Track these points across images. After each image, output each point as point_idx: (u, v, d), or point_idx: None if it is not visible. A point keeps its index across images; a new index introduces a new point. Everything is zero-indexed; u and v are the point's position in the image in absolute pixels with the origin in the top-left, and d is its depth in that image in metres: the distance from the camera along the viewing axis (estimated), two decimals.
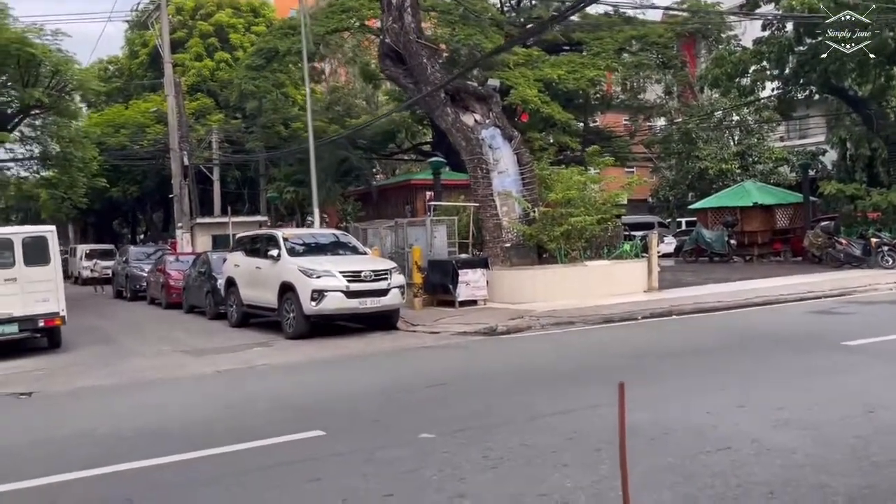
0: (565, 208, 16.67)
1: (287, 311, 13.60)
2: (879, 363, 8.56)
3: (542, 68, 28.84)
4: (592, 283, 16.70)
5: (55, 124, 25.71)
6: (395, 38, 17.17)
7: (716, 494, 4.36)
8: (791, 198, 26.90)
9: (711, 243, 26.69)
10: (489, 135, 17.45)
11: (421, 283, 16.09)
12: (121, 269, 28.10)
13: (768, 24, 25.44)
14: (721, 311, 14.48)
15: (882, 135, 23.99)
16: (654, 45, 30.78)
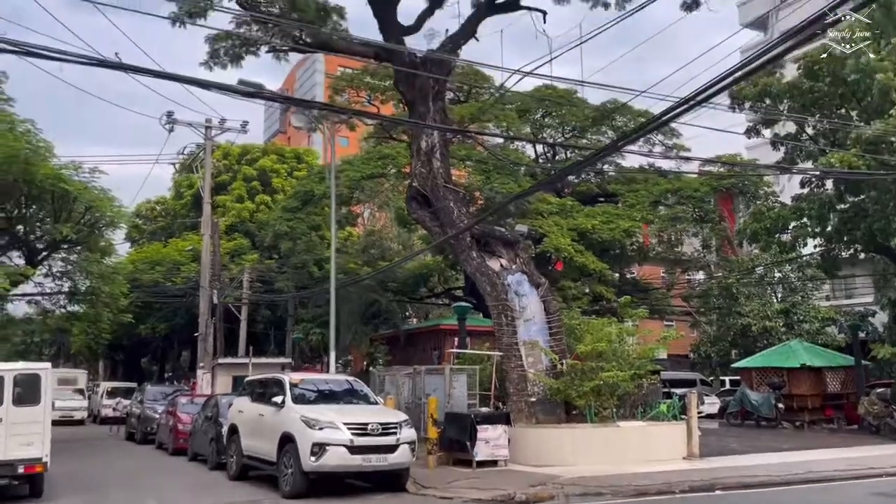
0: (596, 362, 15.46)
1: (285, 465, 12.33)
2: None
3: (576, 218, 28.59)
4: (625, 446, 15.16)
5: (86, 260, 25.73)
6: (423, 181, 16.87)
7: None
8: (841, 360, 25.32)
9: (758, 406, 24.92)
10: (515, 280, 16.64)
11: (436, 439, 14.71)
12: (135, 409, 27.09)
13: (807, 181, 24.98)
14: (771, 486, 12.78)
15: None
16: (690, 198, 30.50)
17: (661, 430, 16.03)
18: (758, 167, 28.17)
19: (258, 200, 39.65)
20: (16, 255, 24.67)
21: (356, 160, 29.71)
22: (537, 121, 33.53)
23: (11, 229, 23.41)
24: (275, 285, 33.63)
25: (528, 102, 31.34)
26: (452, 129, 16.28)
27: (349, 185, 27.44)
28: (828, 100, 22.64)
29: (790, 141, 24.71)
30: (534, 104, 31.68)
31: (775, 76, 24.50)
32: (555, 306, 16.85)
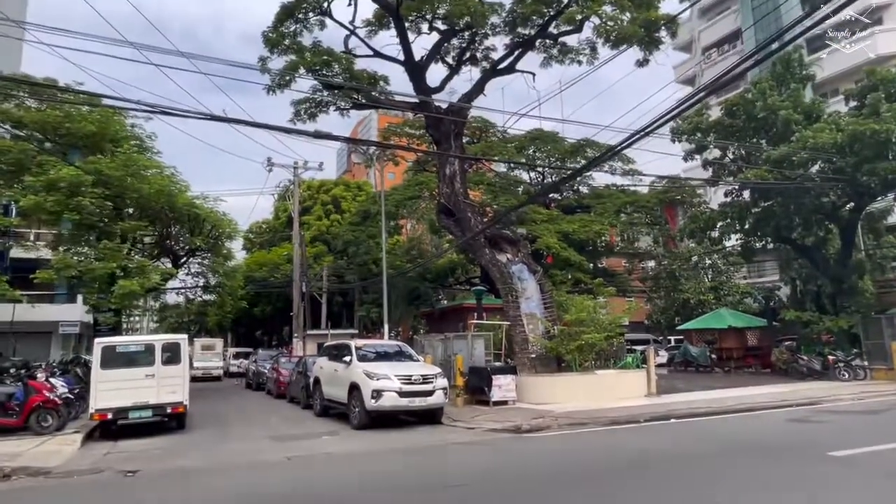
0: (579, 327, 14.98)
1: (354, 406, 12.06)
2: (874, 479, 6.45)
3: (561, 224, 27.99)
4: (602, 388, 14.65)
5: (213, 262, 25.80)
6: (447, 198, 16.51)
7: None
8: (757, 322, 24.47)
9: (697, 357, 24.20)
10: (518, 269, 16.18)
11: (463, 386, 14.37)
12: (251, 367, 27.19)
13: (730, 192, 24.21)
14: (711, 415, 12.20)
15: (826, 275, 21.75)
16: (643, 208, 29.82)
17: (628, 376, 15.48)
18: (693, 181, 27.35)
19: (332, 219, 39.52)
20: (166, 260, 24.86)
21: (400, 188, 29.46)
22: (530, 155, 33.02)
23: (161, 242, 23.54)
24: (344, 278, 33.44)
25: (523, 142, 30.88)
26: (468, 157, 15.94)
27: (395, 204, 27.16)
28: (743, 132, 21.89)
29: (716, 162, 23.95)
30: (527, 142, 31.20)
31: (703, 116, 23.78)
32: (547, 288, 16.34)
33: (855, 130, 16.97)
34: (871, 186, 18.29)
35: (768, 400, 13.98)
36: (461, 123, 17.11)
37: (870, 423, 10.71)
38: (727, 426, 10.93)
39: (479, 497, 6.26)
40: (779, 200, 20.69)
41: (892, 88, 18.94)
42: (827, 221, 22.21)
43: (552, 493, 6.22)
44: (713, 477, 6.80)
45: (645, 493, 6.10)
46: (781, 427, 10.55)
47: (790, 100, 20.60)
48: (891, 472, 6.71)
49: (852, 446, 8.03)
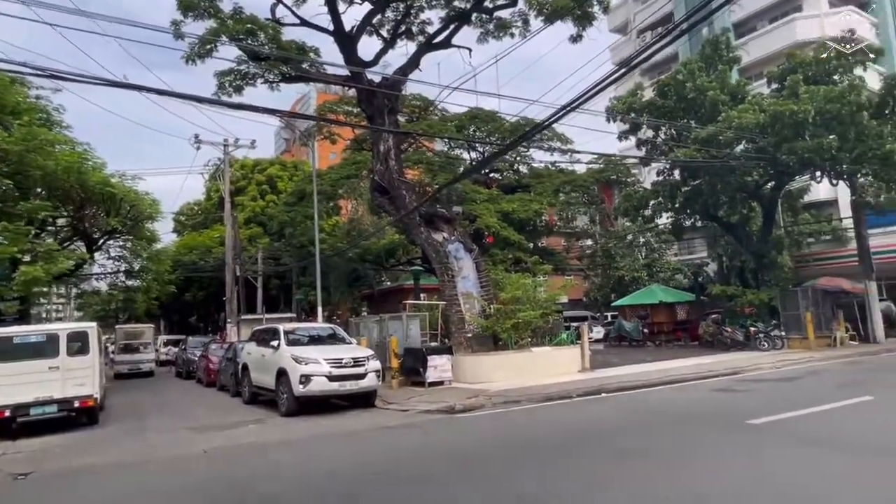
0: (514, 305, 14.93)
1: (282, 392, 11.54)
2: (786, 444, 6.61)
3: (501, 203, 27.97)
4: (537, 365, 14.69)
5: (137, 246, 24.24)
6: (382, 176, 15.97)
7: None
8: (686, 297, 25.39)
9: (630, 332, 24.89)
10: (454, 248, 15.91)
11: (398, 367, 14.06)
12: (181, 354, 25.95)
13: (661, 171, 24.80)
14: (641, 388, 12.45)
15: (749, 251, 22.74)
16: (581, 187, 30.19)
17: (563, 352, 15.60)
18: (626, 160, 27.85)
19: (267, 199, 37.98)
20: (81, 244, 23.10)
21: (336, 167, 28.56)
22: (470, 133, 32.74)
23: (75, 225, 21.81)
24: (281, 260, 32.33)
25: (463, 120, 30.54)
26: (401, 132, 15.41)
27: (331, 183, 26.30)
28: (674, 112, 22.36)
29: (649, 142, 24.43)
30: (467, 121, 30.88)
31: (637, 96, 24.13)
32: (483, 266, 16.18)
33: (775, 111, 17.58)
34: (790, 165, 19.09)
35: (694, 371, 14.43)
36: (395, 98, 16.52)
37: (785, 390, 11.17)
38: (655, 398, 11.14)
39: (403, 482, 5.97)
40: (706, 179, 21.33)
41: (810, 71, 19.75)
42: (750, 199, 23.15)
43: (477, 474, 6.01)
44: (639, 449, 6.79)
45: (570, 469, 5.98)
46: (705, 397, 10.84)
47: (717, 81, 21.15)
48: (801, 438, 6.90)
49: (768, 414, 8.27)
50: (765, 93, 22.49)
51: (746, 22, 35.46)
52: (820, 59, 19.62)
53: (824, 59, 19.58)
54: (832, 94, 17.17)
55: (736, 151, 19.75)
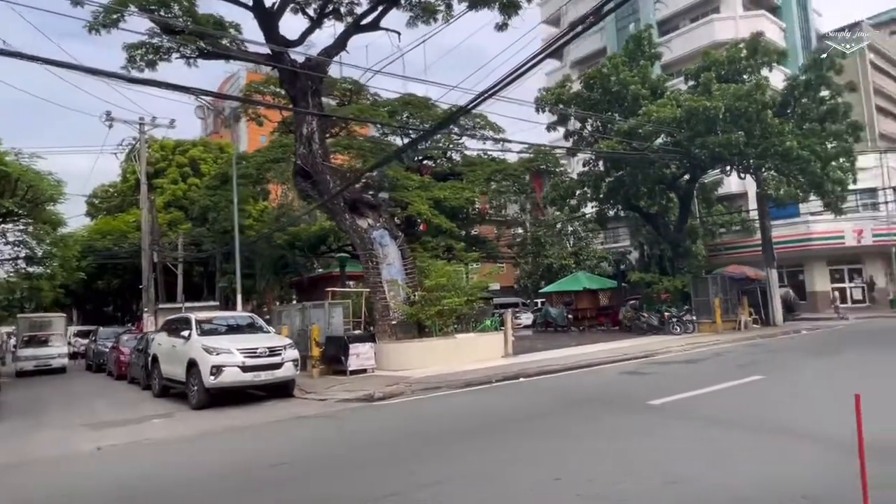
0: (439, 292, 14.95)
1: (192, 384, 11.03)
2: (678, 424, 6.97)
3: (433, 191, 27.94)
4: (461, 352, 14.82)
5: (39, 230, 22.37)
6: (304, 160, 15.49)
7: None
8: (609, 284, 26.37)
9: (556, 318, 25.60)
10: (379, 235, 15.72)
11: (318, 356, 13.78)
12: (91, 346, 24.31)
13: (587, 161, 25.51)
14: (558, 372, 12.79)
15: (666, 240, 23.87)
16: (511, 176, 30.61)
17: (487, 339, 15.83)
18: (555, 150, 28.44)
19: (189, 182, 36.07)
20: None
21: (263, 150, 27.53)
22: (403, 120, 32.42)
23: None
24: (202, 246, 30.91)
25: (395, 106, 30.17)
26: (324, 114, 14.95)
27: (256, 167, 25.33)
28: (600, 104, 23.00)
29: (576, 133, 25.05)
30: (400, 107, 30.54)
31: (566, 88, 24.63)
32: (409, 253, 16.09)
33: (690, 107, 18.42)
34: (703, 159, 20.12)
35: (611, 355, 15.01)
36: (319, 80, 16.00)
37: (688, 371, 11.80)
38: (569, 382, 11.48)
39: (302, 474, 5.82)
40: (628, 171, 22.13)
41: (723, 70, 20.83)
42: (668, 191, 24.28)
43: (382, 462, 5.96)
44: (543, 432, 6.95)
45: (475, 454, 6.03)
46: (615, 380, 11.28)
47: (639, 76, 21.92)
48: (692, 417, 7.29)
49: (668, 394, 8.69)
50: (683, 89, 23.54)
51: (670, 20, 36.96)
52: (732, 59, 20.71)
53: (736, 59, 20.69)
54: (741, 93, 18.17)
55: (655, 144, 20.59)
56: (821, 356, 13.20)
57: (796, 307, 25.02)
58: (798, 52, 33.76)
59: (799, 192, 20.31)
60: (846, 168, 20.21)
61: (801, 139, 18.46)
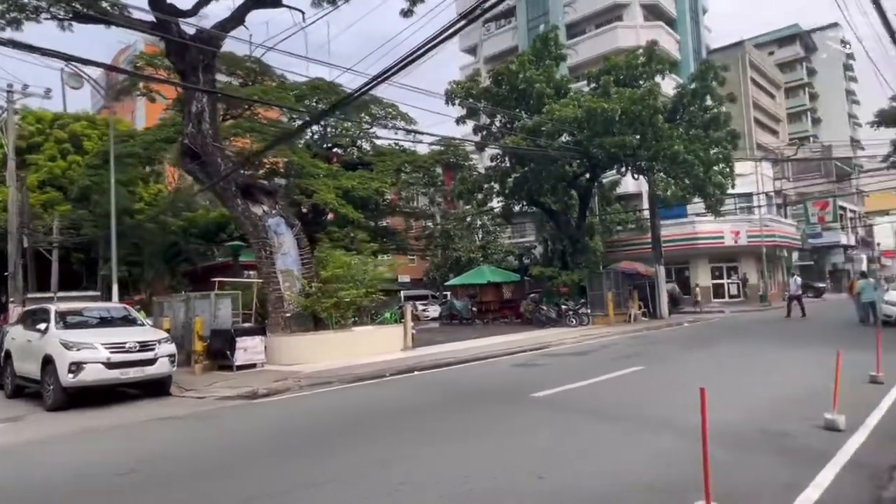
0: (336, 284, 14.46)
1: (48, 383, 9.85)
2: (556, 416, 7.07)
3: (341, 179, 27.20)
4: (358, 345, 14.46)
5: None
6: (193, 139, 14.36)
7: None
8: (513, 277, 26.97)
9: (460, 310, 25.82)
10: (275, 223, 14.94)
11: (202, 351, 12.87)
12: None
13: (494, 156, 25.89)
14: (454, 365, 12.78)
15: (566, 236, 24.72)
16: (421, 168, 30.42)
17: (386, 332, 15.58)
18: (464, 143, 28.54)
19: (70, 160, 32.51)
20: None
21: (155, 128, 25.45)
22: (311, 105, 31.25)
23: None
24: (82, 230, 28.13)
25: (303, 90, 28.99)
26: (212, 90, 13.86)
27: (145, 146, 23.37)
28: (507, 100, 23.34)
29: (484, 128, 25.29)
30: (308, 91, 29.40)
31: (476, 82, 24.78)
32: (305, 243, 15.42)
33: (590, 107, 19.10)
34: (600, 158, 20.97)
35: (508, 347, 15.25)
36: (211, 55, 14.87)
37: (576, 363, 12.20)
38: (462, 375, 11.48)
39: (145, 483, 5.25)
40: (531, 167, 22.65)
41: (621, 75, 21.80)
42: (570, 188, 25.14)
43: (231, 469, 5.52)
44: (424, 427, 6.80)
45: (348, 453, 5.75)
46: (506, 372, 11.42)
47: (545, 75, 22.44)
48: (572, 408, 7.44)
49: (552, 386, 8.87)
50: (586, 90, 24.42)
51: (578, 24, 38.35)
52: (630, 65, 21.71)
53: (633, 64, 21.72)
54: (636, 97, 19.09)
55: (558, 143, 21.19)
56: (696, 347, 14.17)
57: (681, 301, 26.88)
58: (690, 63, 36.22)
59: (685, 193, 21.72)
60: (726, 173, 21.90)
61: (687, 144, 19.72)
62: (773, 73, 48.18)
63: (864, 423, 6.26)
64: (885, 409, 7.03)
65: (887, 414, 6.77)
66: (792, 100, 62.73)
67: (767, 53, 59.61)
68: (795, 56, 66.04)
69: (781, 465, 4.96)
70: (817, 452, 5.29)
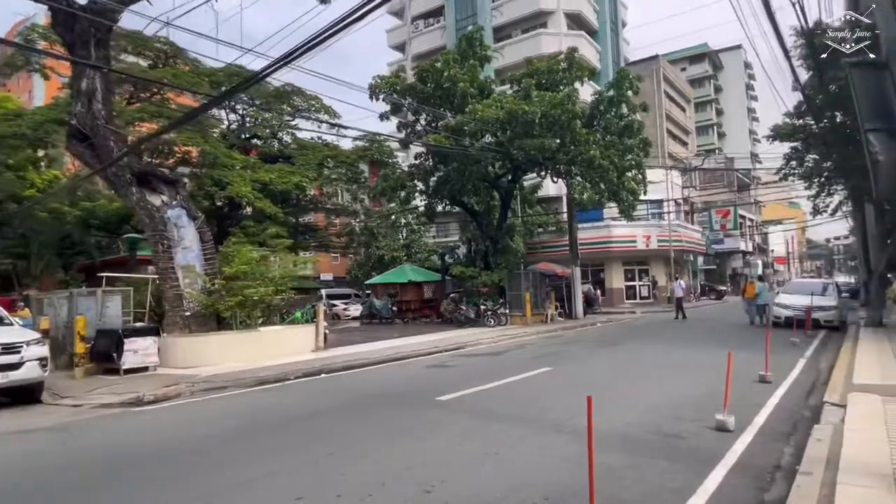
0: (242, 281, 13.54)
1: None
2: (457, 420, 6.79)
3: (259, 172, 25.90)
4: (265, 346, 13.61)
5: None
6: (82, 120, 12.96)
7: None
8: (434, 276, 26.72)
9: (380, 309, 25.26)
10: (175, 214, 13.78)
11: (84, 353, 11.61)
12: None
13: (418, 156, 25.54)
14: (365, 367, 12.27)
15: (487, 236, 24.80)
16: (344, 163, 29.60)
17: (296, 332, 14.80)
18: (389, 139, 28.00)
19: None
20: None
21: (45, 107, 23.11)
22: None
23: None
24: None
25: (219, 76, 27.35)
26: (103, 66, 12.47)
27: (33, 127, 21.11)
28: (431, 98, 23.05)
29: (408, 124, 24.88)
30: (225, 78, 27.76)
31: (401, 77, 24.31)
32: (209, 236, 14.34)
33: (511, 109, 19.16)
34: (520, 160, 21.12)
35: (424, 347, 14.90)
36: (106, 28, 13.50)
37: (488, 364, 12.04)
38: (371, 377, 11.01)
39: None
40: (453, 167, 22.48)
41: (543, 79, 22.08)
42: (492, 189, 25.22)
43: (88, 491, 4.80)
44: (315, 436, 6.30)
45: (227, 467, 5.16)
46: (416, 373, 11.07)
47: (469, 74, 22.35)
48: (475, 412, 7.19)
49: (460, 389, 8.62)
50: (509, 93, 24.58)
51: (505, 28, 38.79)
52: (551, 69, 22.04)
53: (555, 69, 22.06)
54: (556, 101, 19.34)
55: (480, 143, 21.14)
56: (604, 347, 14.45)
57: (596, 302, 27.71)
58: (609, 73, 37.57)
59: (600, 198, 22.32)
60: (639, 180, 22.72)
61: (602, 150, 20.23)
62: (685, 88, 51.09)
63: (753, 423, 6.42)
64: (772, 406, 7.29)
65: (774, 412, 7.02)
66: (701, 114, 66.88)
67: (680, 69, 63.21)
68: (704, 73, 70.50)
69: (673, 469, 4.91)
70: (707, 455, 5.30)
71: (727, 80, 73.71)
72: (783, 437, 5.93)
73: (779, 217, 61.92)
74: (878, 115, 4.08)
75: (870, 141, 4.12)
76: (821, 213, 21.08)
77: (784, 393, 8.16)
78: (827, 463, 4.75)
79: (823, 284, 19.27)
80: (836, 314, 17.02)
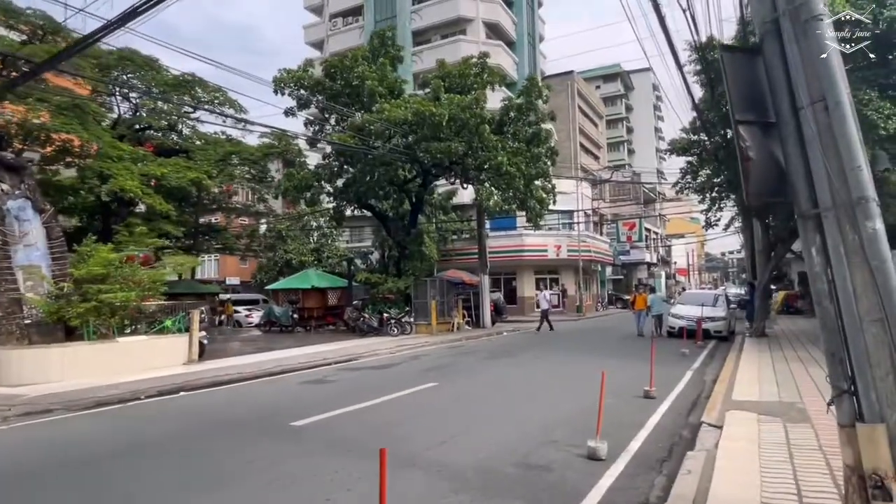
0: (98, 284, 11.75)
1: None
2: (303, 451, 5.77)
3: (150, 165, 23.52)
4: (128, 358, 11.92)
5: None
6: None
7: None
8: (340, 282, 25.42)
9: (280, 317, 23.63)
10: (18, 206, 11.82)
11: None
12: None
13: (326, 155, 24.25)
14: (234, 383, 10.90)
15: (395, 241, 23.90)
16: (248, 160, 27.66)
17: (165, 342, 13.11)
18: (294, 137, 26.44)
19: None
20: None
21: None
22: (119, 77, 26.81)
23: None
24: None
25: (108, 60, 24.71)
26: None
27: None
28: (340, 95, 21.91)
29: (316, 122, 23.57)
30: (115, 62, 25.12)
31: (308, 72, 22.94)
32: (57, 233, 12.45)
33: (418, 110, 18.41)
34: (426, 163, 20.40)
35: (311, 359, 13.70)
36: None
37: (372, 379, 11.02)
38: (233, 396, 9.70)
39: None
40: (360, 168, 21.41)
41: (454, 83, 21.53)
42: (401, 193, 24.34)
43: None
44: (133, 474, 5.06)
45: None
46: (287, 391, 9.89)
47: (378, 73, 21.42)
48: (329, 440, 6.23)
49: (324, 411, 7.61)
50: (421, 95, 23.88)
51: (424, 32, 38.20)
52: (462, 73, 21.54)
53: (466, 73, 21.58)
54: (464, 104, 18.80)
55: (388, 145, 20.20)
56: (500, 358, 13.87)
57: (505, 311, 27.45)
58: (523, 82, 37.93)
59: (508, 205, 22.02)
60: (548, 189, 22.65)
61: (510, 156, 19.91)
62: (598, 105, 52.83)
63: (627, 448, 5.88)
64: (651, 427, 6.84)
65: (652, 433, 6.55)
66: (612, 130, 69.67)
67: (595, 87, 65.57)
68: (617, 92, 73.64)
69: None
70: (571, 492, 4.63)
71: (638, 100, 77.46)
72: (657, 465, 5.41)
73: (681, 231, 65.51)
74: (751, 107, 3.57)
75: (741, 135, 3.57)
76: (713, 226, 21.88)
77: (666, 409, 7.79)
78: (693, 503, 4.18)
79: (714, 296, 19.90)
80: (724, 324, 17.52)
